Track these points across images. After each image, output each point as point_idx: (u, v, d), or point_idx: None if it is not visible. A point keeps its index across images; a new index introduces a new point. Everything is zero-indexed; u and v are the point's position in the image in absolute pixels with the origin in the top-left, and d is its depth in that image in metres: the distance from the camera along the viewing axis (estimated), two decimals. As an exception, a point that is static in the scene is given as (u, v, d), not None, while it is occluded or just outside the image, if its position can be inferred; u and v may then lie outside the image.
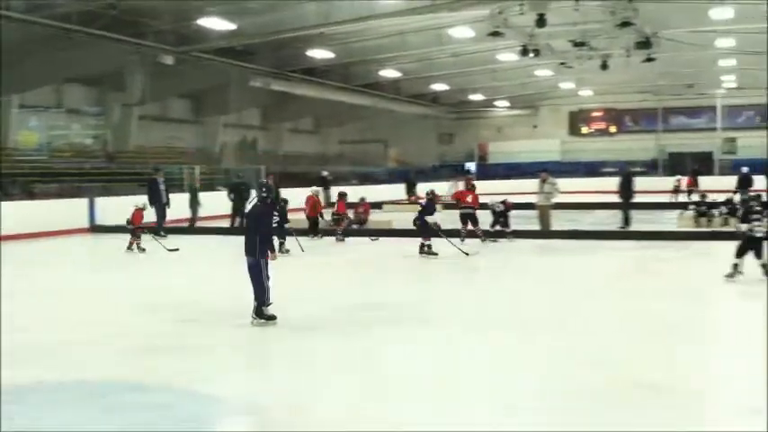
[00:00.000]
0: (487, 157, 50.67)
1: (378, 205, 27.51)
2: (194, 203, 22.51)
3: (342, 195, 19.80)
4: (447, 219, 18.14)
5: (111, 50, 25.20)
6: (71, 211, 21.58)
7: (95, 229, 21.78)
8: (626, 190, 19.64)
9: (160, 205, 20.08)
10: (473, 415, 5.64)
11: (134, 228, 16.50)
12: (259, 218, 8.82)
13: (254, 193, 9.32)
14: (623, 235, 17.83)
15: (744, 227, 10.97)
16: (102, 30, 22.70)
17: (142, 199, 18.30)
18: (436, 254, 14.52)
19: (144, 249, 16.32)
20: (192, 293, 11.23)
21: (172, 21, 24.74)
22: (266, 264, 8.60)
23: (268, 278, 8.60)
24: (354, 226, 20.14)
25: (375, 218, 22.30)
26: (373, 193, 28.38)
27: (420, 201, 17.71)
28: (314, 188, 20.62)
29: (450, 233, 16.01)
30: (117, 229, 21.28)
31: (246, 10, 23.45)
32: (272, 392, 6.24)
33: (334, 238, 18.22)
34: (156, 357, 7.34)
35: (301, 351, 7.60)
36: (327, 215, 19.43)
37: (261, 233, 8.65)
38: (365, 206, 21.51)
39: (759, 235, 10.85)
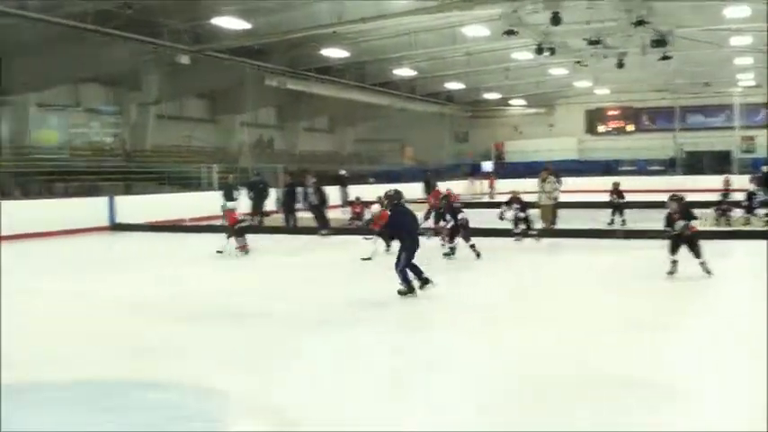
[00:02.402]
0: (504, 155, 50.53)
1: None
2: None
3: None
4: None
5: (127, 50, 25.42)
6: (90, 209, 21.77)
7: (116, 227, 21.98)
8: None
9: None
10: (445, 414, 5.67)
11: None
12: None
13: (273, 191, 9.51)
14: (633, 234, 17.71)
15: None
16: (117, 29, 22.90)
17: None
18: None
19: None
20: (206, 292, 11.34)
21: (187, 20, 24.91)
22: None
23: None
24: (358, 223, 20.28)
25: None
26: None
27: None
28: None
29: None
30: (136, 227, 21.59)
31: (260, 9, 23.58)
32: (280, 391, 6.26)
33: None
34: (156, 357, 7.39)
35: (302, 349, 7.71)
36: (347, 214, 19.37)
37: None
38: (359, 206, 21.35)
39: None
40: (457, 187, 34.52)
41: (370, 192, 23.42)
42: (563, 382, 6.27)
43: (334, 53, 30.31)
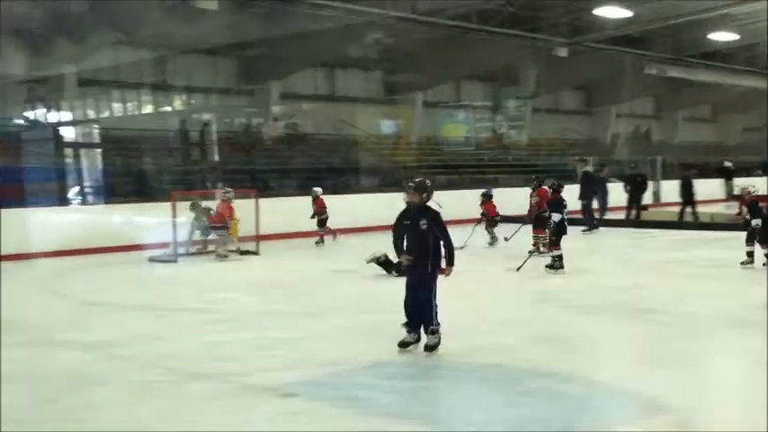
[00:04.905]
0: None
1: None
2: (602, 195, 22.27)
3: None
4: None
5: (507, 46, 26.07)
6: (468, 201, 22.53)
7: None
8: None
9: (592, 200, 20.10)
10: None
11: None
12: None
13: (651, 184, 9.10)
14: None
15: None
16: (498, 27, 23.56)
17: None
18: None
19: None
20: (589, 285, 11.17)
21: (567, 12, 24.87)
22: None
23: None
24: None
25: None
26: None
27: None
28: None
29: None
30: (506, 219, 22.00)
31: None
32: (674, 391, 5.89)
33: None
34: (558, 347, 7.40)
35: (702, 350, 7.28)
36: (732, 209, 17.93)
37: None
38: None
39: None
40: None
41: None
42: None
43: (721, 37, 28.28)
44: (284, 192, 20.60)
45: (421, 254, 7.01)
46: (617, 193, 22.08)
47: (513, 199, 23.21)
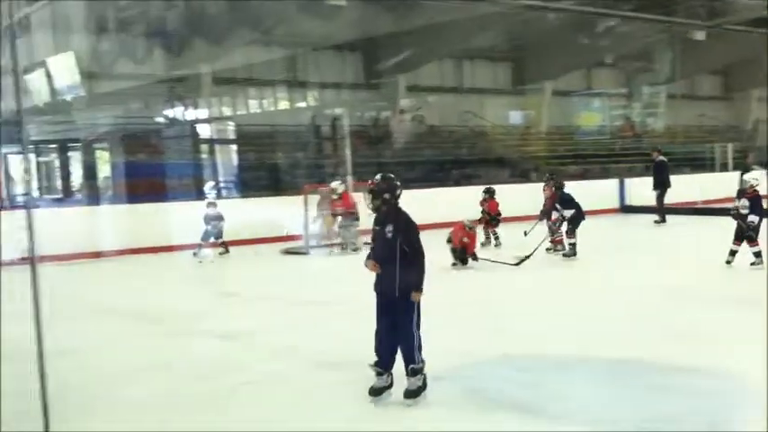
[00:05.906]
0: None
1: None
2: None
3: None
4: None
5: (640, 31, 25.28)
6: (603, 191, 22.01)
7: (625, 209, 21.98)
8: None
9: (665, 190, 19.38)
10: None
11: None
12: None
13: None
14: None
15: None
16: (631, 11, 22.86)
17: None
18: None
19: None
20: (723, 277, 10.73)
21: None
22: None
23: None
24: None
25: None
26: None
27: None
28: None
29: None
30: (644, 209, 21.34)
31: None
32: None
33: None
34: (692, 341, 7.11)
35: None
36: None
37: None
38: None
39: None
40: None
41: None
42: None
43: None
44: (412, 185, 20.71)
45: (389, 270, 5.47)
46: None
47: (646, 187, 22.69)
